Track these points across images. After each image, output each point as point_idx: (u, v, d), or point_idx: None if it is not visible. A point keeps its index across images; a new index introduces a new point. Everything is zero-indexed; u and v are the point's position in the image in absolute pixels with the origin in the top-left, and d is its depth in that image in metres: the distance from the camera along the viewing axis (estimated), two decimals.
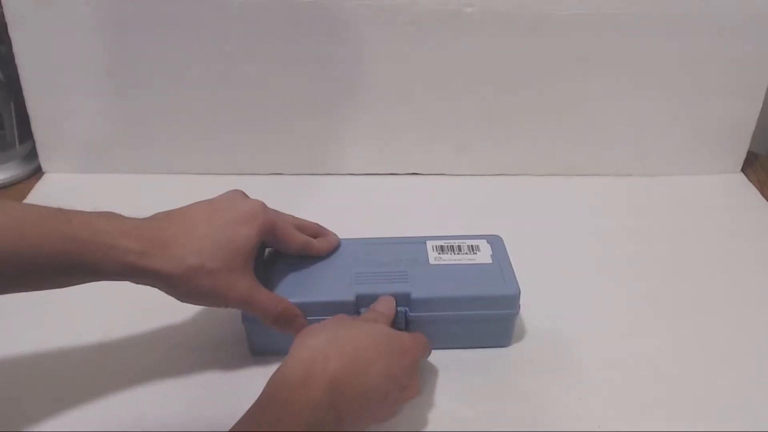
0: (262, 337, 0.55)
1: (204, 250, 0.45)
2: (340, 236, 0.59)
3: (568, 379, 0.48)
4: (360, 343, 0.44)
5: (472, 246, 0.59)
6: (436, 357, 0.53)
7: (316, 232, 0.57)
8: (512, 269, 0.56)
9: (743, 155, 0.83)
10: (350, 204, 0.67)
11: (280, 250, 0.54)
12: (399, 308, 0.52)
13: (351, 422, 0.41)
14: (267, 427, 0.38)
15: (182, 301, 0.47)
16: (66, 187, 0.78)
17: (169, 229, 0.46)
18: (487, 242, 0.60)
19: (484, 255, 0.59)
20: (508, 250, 0.59)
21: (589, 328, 0.59)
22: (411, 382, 0.46)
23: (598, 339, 0.58)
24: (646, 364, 0.56)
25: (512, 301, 0.55)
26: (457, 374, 0.54)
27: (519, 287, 0.54)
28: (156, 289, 0.47)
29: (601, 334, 0.59)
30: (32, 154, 0.81)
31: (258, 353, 0.55)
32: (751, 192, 0.81)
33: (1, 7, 0.70)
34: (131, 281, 0.46)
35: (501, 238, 0.60)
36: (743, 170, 0.84)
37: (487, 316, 0.55)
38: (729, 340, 0.59)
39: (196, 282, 0.45)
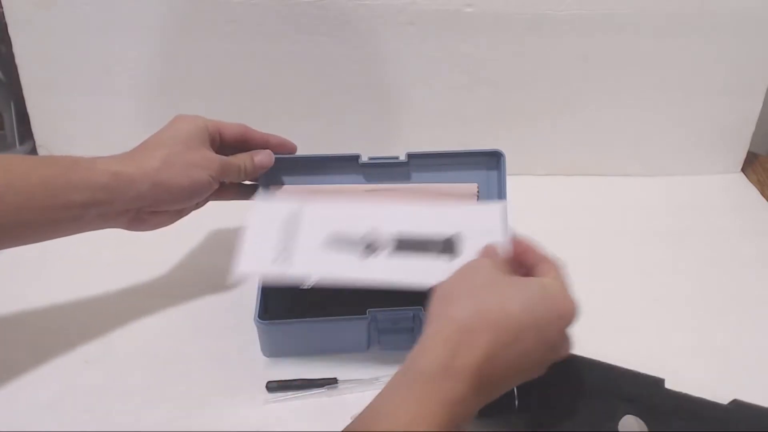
0: (275, 340, 0.55)
1: (165, 142, 0.53)
2: None
3: None
4: (511, 308, 0.40)
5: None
6: None
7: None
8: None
9: (743, 155, 0.83)
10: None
11: (224, 133, 0.57)
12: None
13: (496, 392, 0.40)
14: (400, 426, 0.35)
15: (175, 206, 0.54)
16: None
17: (135, 150, 0.54)
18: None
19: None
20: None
21: (589, 327, 0.59)
22: (564, 343, 0.44)
23: (598, 338, 0.58)
24: (645, 363, 0.56)
25: None
26: None
27: None
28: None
29: (600, 333, 0.58)
30: (32, 155, 0.81)
31: (271, 355, 0.55)
32: (751, 192, 0.81)
33: (1, 7, 0.71)
34: (120, 207, 0.51)
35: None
36: (743, 170, 0.84)
37: None
38: (729, 340, 0.59)
39: (170, 169, 0.52)
